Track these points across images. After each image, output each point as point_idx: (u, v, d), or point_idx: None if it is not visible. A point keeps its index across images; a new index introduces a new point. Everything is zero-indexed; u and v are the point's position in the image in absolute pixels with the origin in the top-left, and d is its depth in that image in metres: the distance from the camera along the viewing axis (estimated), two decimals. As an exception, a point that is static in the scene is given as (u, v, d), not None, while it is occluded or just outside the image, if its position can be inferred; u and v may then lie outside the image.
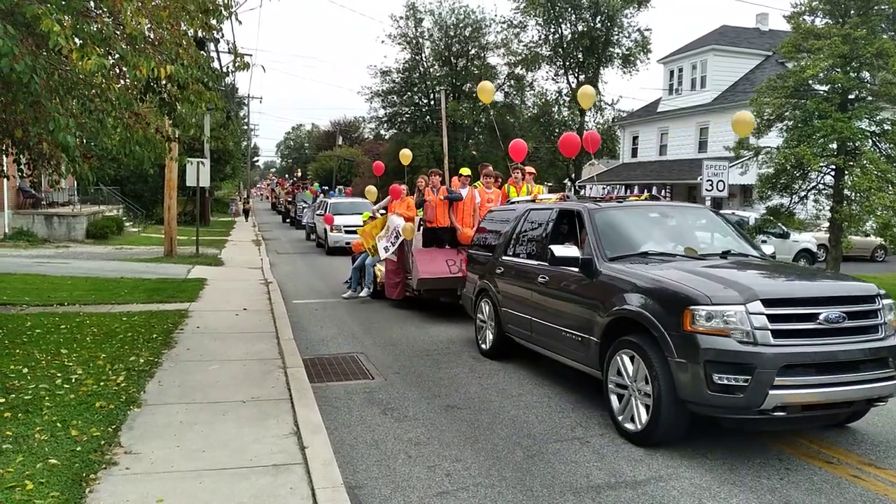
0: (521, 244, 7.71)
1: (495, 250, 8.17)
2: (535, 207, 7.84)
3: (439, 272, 10.64)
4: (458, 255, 10.77)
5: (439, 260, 10.84)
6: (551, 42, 39.41)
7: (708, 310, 4.88)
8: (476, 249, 8.89)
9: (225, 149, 36.97)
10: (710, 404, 4.86)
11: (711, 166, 15.25)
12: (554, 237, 7.03)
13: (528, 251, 7.51)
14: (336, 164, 57.64)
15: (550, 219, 7.26)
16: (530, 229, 7.64)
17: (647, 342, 5.22)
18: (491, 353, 8.12)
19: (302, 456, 4.79)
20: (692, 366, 4.85)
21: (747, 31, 33.44)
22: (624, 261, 6.01)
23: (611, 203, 7.10)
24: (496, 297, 7.88)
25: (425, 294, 11.06)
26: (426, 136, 41.87)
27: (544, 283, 6.78)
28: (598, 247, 6.19)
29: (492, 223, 8.75)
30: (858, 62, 19.78)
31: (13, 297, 10.97)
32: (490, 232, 8.63)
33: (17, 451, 4.61)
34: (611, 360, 5.60)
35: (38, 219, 23.04)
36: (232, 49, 7.97)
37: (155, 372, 6.83)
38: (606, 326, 5.68)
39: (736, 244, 6.69)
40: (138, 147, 7.73)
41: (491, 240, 8.46)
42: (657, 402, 5.08)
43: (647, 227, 6.83)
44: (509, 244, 7.91)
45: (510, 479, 4.71)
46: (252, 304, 11.36)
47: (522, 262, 7.47)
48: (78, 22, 5.49)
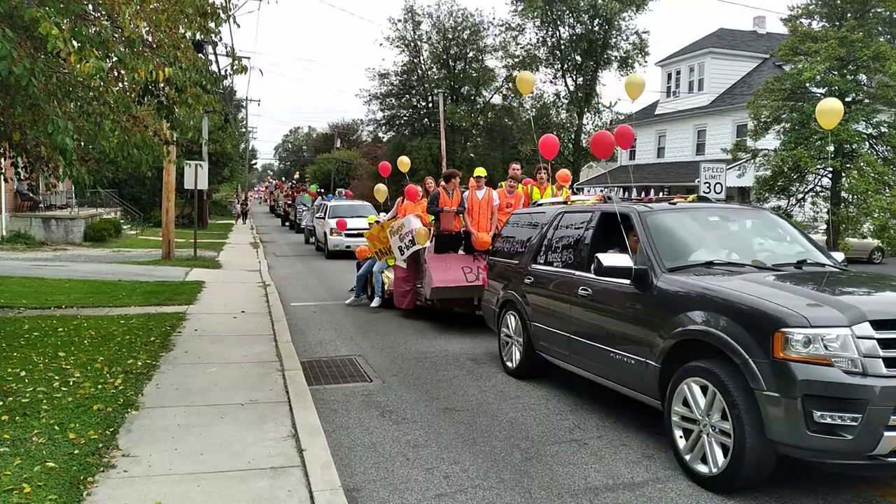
0: (554, 251, 6.86)
1: (523, 258, 7.38)
2: (570, 210, 7.03)
3: (455, 280, 9.81)
4: (474, 262, 10.02)
5: (455, 267, 10.02)
6: (549, 45, 39.47)
7: (805, 333, 4.10)
8: (499, 256, 8.08)
9: (223, 151, 36.96)
10: (808, 447, 4.06)
11: (709, 169, 15.28)
12: (595, 244, 6.23)
13: (563, 259, 6.65)
14: (334, 167, 57.65)
15: (590, 223, 6.43)
16: (565, 234, 6.80)
17: (724, 370, 4.43)
18: (518, 372, 7.28)
19: (300, 458, 4.79)
20: (786, 400, 4.08)
21: (744, 33, 33.53)
22: (686, 272, 5.24)
23: (663, 205, 6.31)
24: (525, 311, 7.08)
25: (439, 304, 10.21)
26: (424, 138, 41.89)
27: (587, 296, 5.97)
28: (655, 255, 5.39)
29: (517, 228, 7.94)
30: (855, 65, 19.85)
31: (10, 299, 10.96)
32: (515, 237, 7.83)
33: (14, 455, 4.60)
34: (675, 388, 4.82)
35: (35, 222, 23.02)
36: (230, 52, 7.97)
37: (153, 375, 6.83)
38: (670, 349, 4.91)
39: (808, 252, 5.90)
40: (136, 150, 7.74)
41: (517, 246, 7.68)
42: (739, 442, 4.29)
43: (707, 232, 6.05)
44: (540, 251, 7.09)
45: (508, 481, 4.72)
46: (250, 306, 11.36)
47: (557, 271, 6.65)
48: (76, 25, 5.50)
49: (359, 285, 12.45)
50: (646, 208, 5.99)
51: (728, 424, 4.37)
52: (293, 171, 72.06)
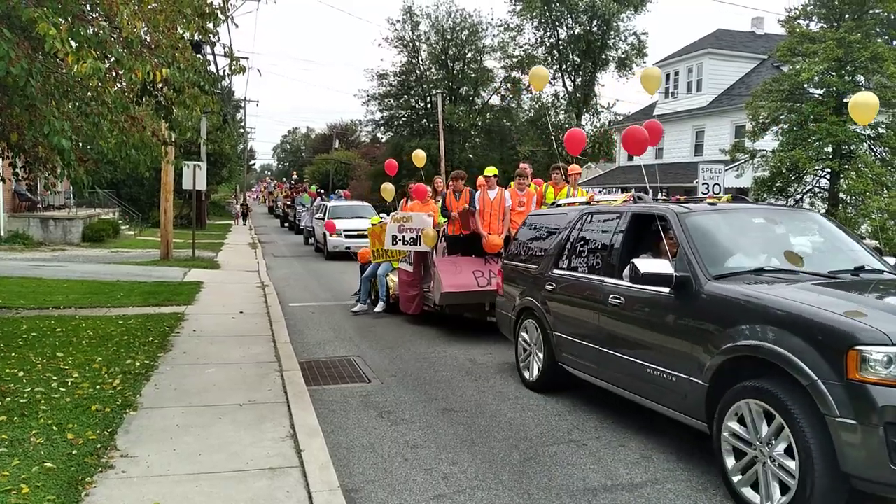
0: (578, 255, 6.34)
1: (542, 262, 6.87)
2: (596, 211, 6.49)
3: (466, 285, 9.23)
4: (485, 266, 9.49)
5: (465, 271, 9.42)
6: (547, 45, 39.51)
7: (886, 352, 3.63)
8: (515, 260, 7.57)
9: (221, 152, 36.91)
10: (892, 483, 3.62)
11: (707, 169, 15.30)
12: (626, 248, 5.74)
13: (589, 264, 6.12)
14: (333, 168, 57.66)
15: (620, 224, 5.89)
16: (591, 237, 6.28)
17: (787, 392, 3.96)
18: (538, 385, 6.81)
19: (298, 459, 4.79)
20: (865, 429, 3.62)
21: (743, 34, 33.56)
22: (734, 279, 4.75)
23: (702, 205, 5.83)
24: (546, 319, 6.59)
25: (449, 310, 9.70)
26: (423, 139, 41.90)
27: (619, 305, 5.47)
28: (698, 261, 4.90)
29: (535, 230, 7.44)
30: (853, 66, 19.87)
31: (9, 300, 10.95)
32: (533, 240, 7.34)
33: (12, 455, 4.60)
34: (726, 411, 4.35)
35: (33, 222, 23.00)
36: (228, 52, 7.97)
37: (151, 375, 6.82)
38: (720, 367, 4.43)
39: (863, 257, 5.41)
40: (134, 150, 7.75)
41: (535, 249, 7.16)
42: (805, 474, 3.80)
43: (752, 235, 5.56)
44: (562, 255, 6.58)
45: (507, 481, 4.72)
46: (248, 307, 11.36)
47: (584, 277, 6.12)
48: (74, 25, 5.50)
49: (364, 290, 11.87)
50: (684, 209, 5.45)
51: (792, 462, 3.89)
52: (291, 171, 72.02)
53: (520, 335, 7.22)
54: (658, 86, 9.01)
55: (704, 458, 5.10)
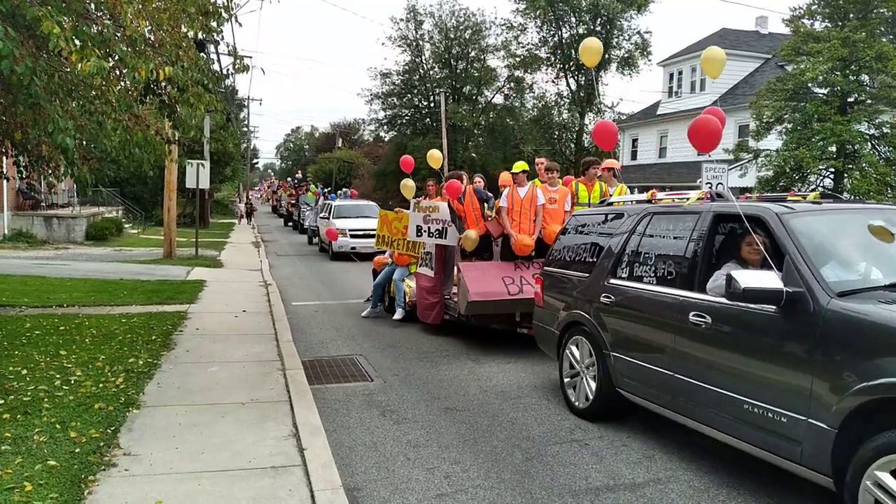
0: (643, 263, 5.49)
1: (595, 270, 6.04)
2: (664, 211, 5.64)
3: (495, 293, 8.29)
4: (515, 271, 8.63)
5: (493, 277, 8.51)
6: (551, 44, 39.47)
7: None
8: (558, 267, 6.73)
9: (225, 150, 36.97)
10: None
11: (711, 169, 15.20)
12: (707, 255, 4.93)
13: (659, 274, 5.28)
14: (336, 167, 57.70)
15: (698, 227, 5.05)
16: (659, 242, 5.45)
17: None
18: (591, 412, 5.93)
19: (301, 458, 4.79)
20: None
21: (747, 34, 33.50)
22: (864, 297, 3.91)
23: (806, 205, 4.91)
24: (601, 337, 5.75)
25: (475, 321, 8.80)
26: (426, 138, 41.86)
27: (704, 324, 4.62)
28: (814, 274, 4.05)
29: (583, 232, 6.61)
30: (858, 65, 19.83)
31: (12, 298, 10.97)
32: (581, 244, 6.49)
33: (16, 453, 4.61)
34: (867, 466, 3.51)
35: (37, 220, 23.05)
36: (232, 51, 7.98)
37: (154, 373, 6.83)
38: (854, 410, 3.59)
39: None
40: (138, 149, 7.75)
41: (585, 254, 6.34)
42: None
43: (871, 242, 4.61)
44: (620, 262, 5.76)
45: (509, 481, 4.72)
46: (251, 305, 11.37)
47: (652, 290, 5.27)
48: (78, 24, 5.50)
49: (376, 295, 11.13)
50: (787, 209, 4.60)
51: None
52: (295, 170, 72.05)
53: (565, 353, 6.33)
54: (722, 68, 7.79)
55: (707, 458, 5.10)
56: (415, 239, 9.96)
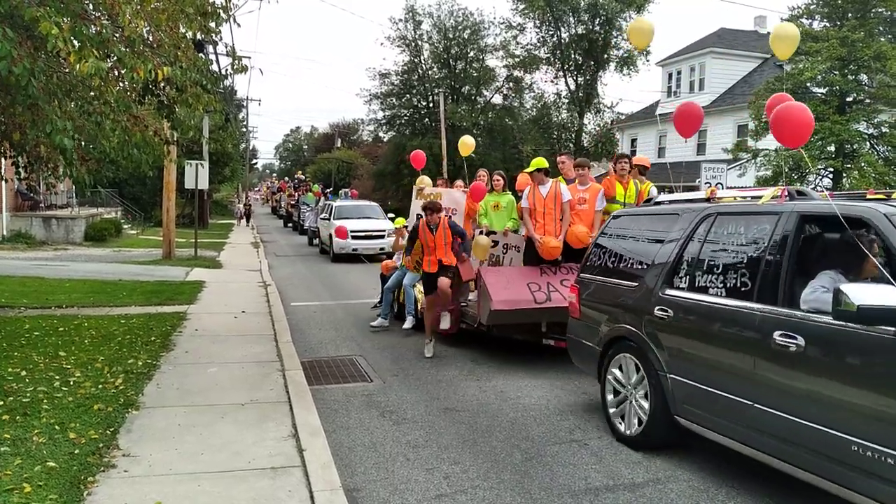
0: (707, 271, 4.82)
1: (646, 278, 5.36)
2: (733, 211, 4.94)
3: (520, 301, 7.60)
4: (542, 277, 7.95)
5: (518, 283, 7.80)
6: (550, 44, 39.46)
7: None
8: (598, 274, 6.03)
9: (224, 151, 36.95)
10: None
11: (710, 169, 15.30)
12: (793, 264, 4.27)
13: (730, 284, 4.60)
14: (335, 167, 57.65)
15: (779, 230, 4.40)
16: (728, 247, 4.75)
17: None
18: (642, 440, 5.24)
19: (300, 458, 4.79)
20: None
21: (745, 33, 33.53)
22: None
23: None
24: (656, 356, 5.07)
25: (496, 331, 8.15)
26: (425, 138, 41.82)
27: (794, 346, 3.97)
28: None
29: (628, 236, 5.92)
30: (856, 65, 19.86)
31: (11, 299, 10.96)
32: (627, 248, 5.83)
33: (15, 454, 4.60)
34: None
35: (36, 221, 23.03)
36: (230, 52, 7.99)
37: (153, 374, 6.83)
38: None
39: None
40: (136, 149, 7.75)
41: (631, 261, 5.68)
42: None
43: None
44: (678, 270, 5.08)
45: (508, 481, 4.72)
46: (250, 306, 11.36)
47: (723, 303, 4.59)
48: (76, 24, 5.50)
49: (386, 302, 10.25)
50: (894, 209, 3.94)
51: None
52: (295, 170, 72.01)
53: (609, 372, 5.67)
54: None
55: (706, 458, 5.10)
56: None
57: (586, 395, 6.71)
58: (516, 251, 8.68)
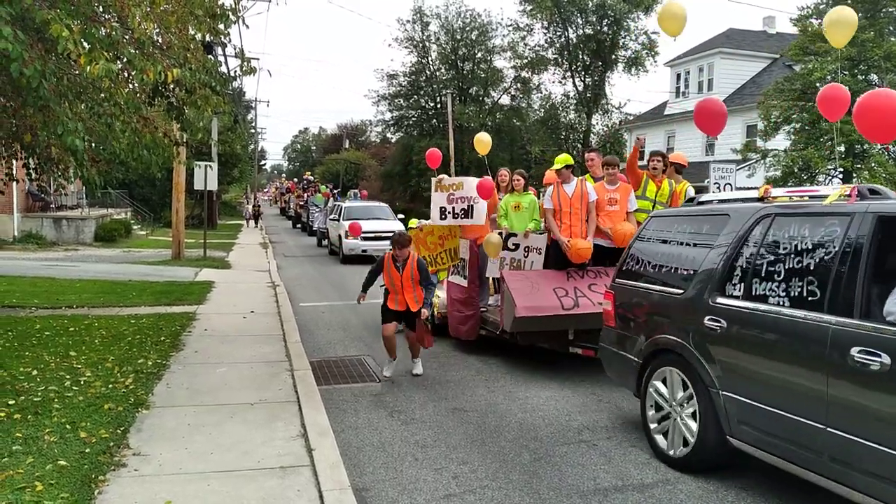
0: (767, 278, 4.38)
1: (693, 285, 4.92)
2: (795, 212, 4.46)
3: (546, 307, 7.16)
4: (569, 282, 7.51)
5: (544, 289, 7.36)
6: (557, 45, 39.42)
7: None
8: (635, 280, 5.58)
9: (232, 152, 37.09)
10: None
11: (719, 169, 15.22)
12: (873, 270, 3.89)
13: (794, 293, 4.16)
14: (343, 168, 57.76)
15: (854, 234, 3.97)
16: (791, 251, 4.27)
17: None
18: (691, 463, 4.83)
19: (309, 458, 4.81)
20: None
21: (754, 33, 33.38)
22: None
23: None
24: (706, 371, 4.64)
25: (520, 339, 7.67)
26: (433, 139, 41.85)
27: (877, 365, 3.57)
28: None
29: (670, 239, 5.42)
30: (866, 65, 19.75)
31: (22, 299, 11.04)
32: (668, 252, 5.36)
33: (27, 453, 4.64)
34: None
35: (46, 222, 23.17)
36: (239, 53, 8.02)
37: (163, 374, 6.86)
38: None
39: None
40: (146, 151, 7.79)
41: (676, 266, 5.21)
42: None
43: None
44: (731, 277, 4.65)
45: (517, 481, 4.72)
46: (259, 306, 11.40)
47: (787, 314, 4.14)
48: (87, 27, 5.54)
49: None
50: None
51: None
52: (303, 171, 72.15)
53: (650, 387, 5.24)
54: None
55: (716, 458, 5.08)
56: (438, 223, 8.83)
57: (595, 395, 6.70)
58: (537, 253, 8.12)
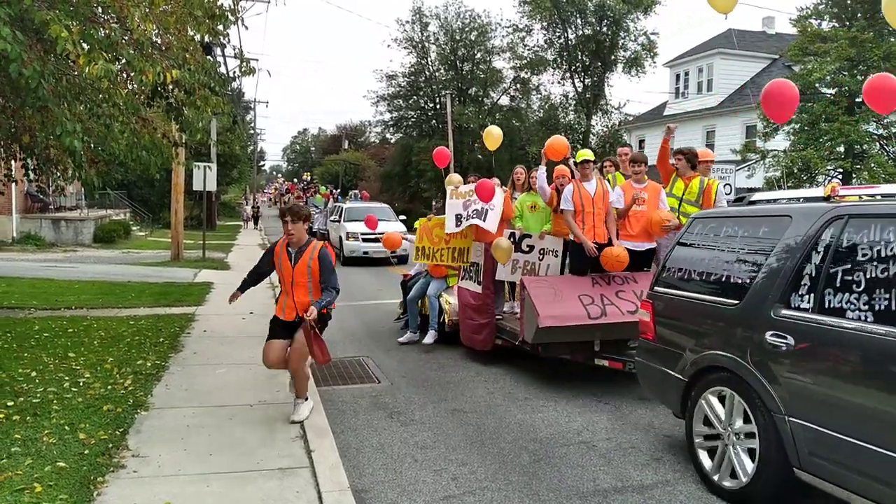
0: (844, 288, 3.86)
1: (751, 295, 4.39)
2: (871, 213, 3.96)
3: (572, 316, 6.62)
4: (594, 288, 6.97)
5: (568, 295, 6.83)
6: (556, 46, 39.45)
7: None
8: (679, 287, 5.04)
9: (231, 153, 37.07)
10: None
11: (718, 170, 15.24)
12: None
13: (879, 307, 3.65)
14: (342, 169, 57.78)
15: None
16: (874, 258, 3.76)
17: None
18: (746, 494, 4.29)
19: (308, 459, 4.80)
20: None
21: (754, 34, 33.39)
22: None
23: None
24: (769, 393, 4.13)
25: (542, 351, 7.05)
26: (432, 139, 41.87)
27: None
28: None
29: (717, 241, 4.86)
30: (866, 65, 19.74)
31: (21, 300, 11.02)
32: (717, 258, 4.79)
33: (25, 454, 4.63)
34: None
35: (45, 223, 23.15)
36: (238, 54, 8.01)
37: (162, 375, 6.85)
38: None
39: None
40: (145, 152, 7.79)
41: (725, 272, 4.65)
42: None
43: None
44: (797, 286, 4.13)
45: (516, 482, 4.71)
46: (258, 307, 11.37)
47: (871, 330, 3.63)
48: (86, 27, 5.53)
49: (412, 314, 9.43)
50: None
51: None
52: (301, 172, 72.18)
53: (698, 408, 4.71)
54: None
55: (716, 459, 5.07)
56: (454, 230, 8.34)
57: (594, 396, 6.69)
58: (553, 256, 7.68)
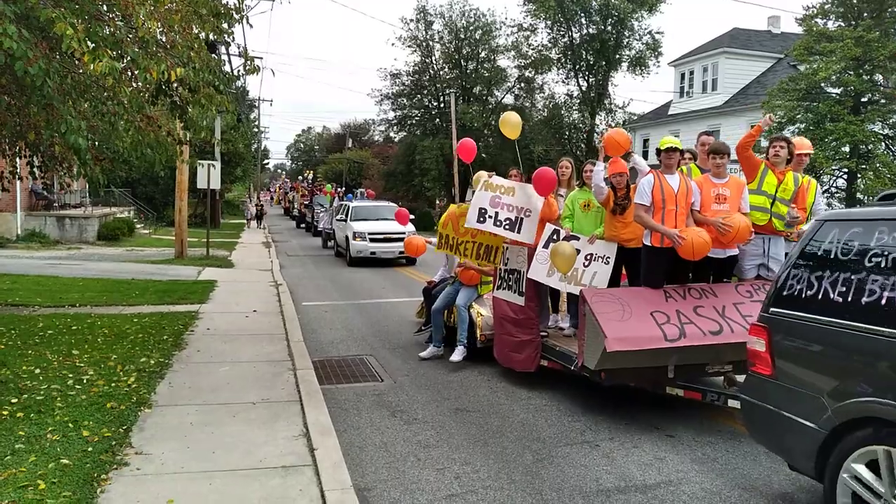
0: None
1: None
2: None
3: (644, 338, 5.50)
4: (667, 303, 5.81)
5: (639, 312, 5.66)
6: (561, 45, 39.40)
7: None
8: (808, 310, 3.96)
9: (235, 151, 37.12)
10: None
11: (724, 169, 15.13)
12: None
13: None
14: (346, 167, 57.80)
15: None
16: None
17: None
18: None
19: (311, 458, 4.80)
20: None
21: (759, 33, 33.31)
22: None
23: None
24: None
25: (604, 378, 5.86)
26: (436, 138, 41.88)
27: None
28: None
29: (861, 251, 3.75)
30: (871, 65, 19.69)
31: (25, 298, 11.05)
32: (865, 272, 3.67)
33: (29, 451, 4.64)
34: None
35: (50, 220, 23.21)
36: (243, 52, 8.00)
37: (165, 373, 6.87)
38: None
39: None
40: (150, 149, 7.79)
41: (883, 291, 3.52)
42: None
43: None
44: None
45: (519, 482, 4.71)
46: (262, 306, 11.40)
47: None
48: (91, 25, 5.54)
49: (437, 327, 8.33)
50: None
51: None
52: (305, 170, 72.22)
53: (845, 471, 3.65)
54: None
55: (718, 460, 5.07)
56: (474, 226, 7.33)
57: (597, 396, 6.67)
58: (603, 263, 6.54)
